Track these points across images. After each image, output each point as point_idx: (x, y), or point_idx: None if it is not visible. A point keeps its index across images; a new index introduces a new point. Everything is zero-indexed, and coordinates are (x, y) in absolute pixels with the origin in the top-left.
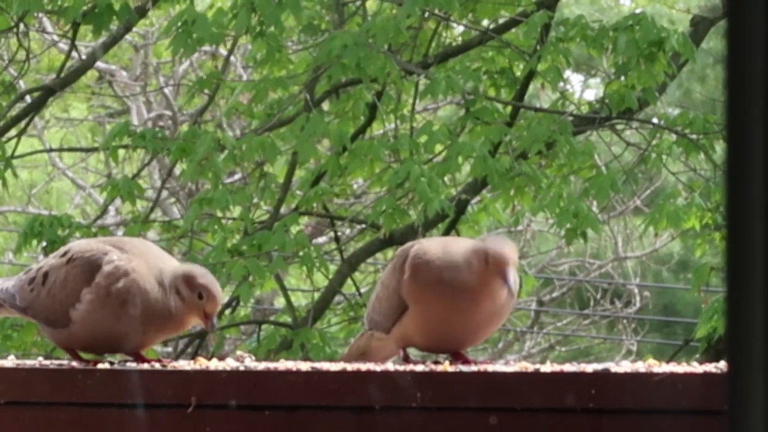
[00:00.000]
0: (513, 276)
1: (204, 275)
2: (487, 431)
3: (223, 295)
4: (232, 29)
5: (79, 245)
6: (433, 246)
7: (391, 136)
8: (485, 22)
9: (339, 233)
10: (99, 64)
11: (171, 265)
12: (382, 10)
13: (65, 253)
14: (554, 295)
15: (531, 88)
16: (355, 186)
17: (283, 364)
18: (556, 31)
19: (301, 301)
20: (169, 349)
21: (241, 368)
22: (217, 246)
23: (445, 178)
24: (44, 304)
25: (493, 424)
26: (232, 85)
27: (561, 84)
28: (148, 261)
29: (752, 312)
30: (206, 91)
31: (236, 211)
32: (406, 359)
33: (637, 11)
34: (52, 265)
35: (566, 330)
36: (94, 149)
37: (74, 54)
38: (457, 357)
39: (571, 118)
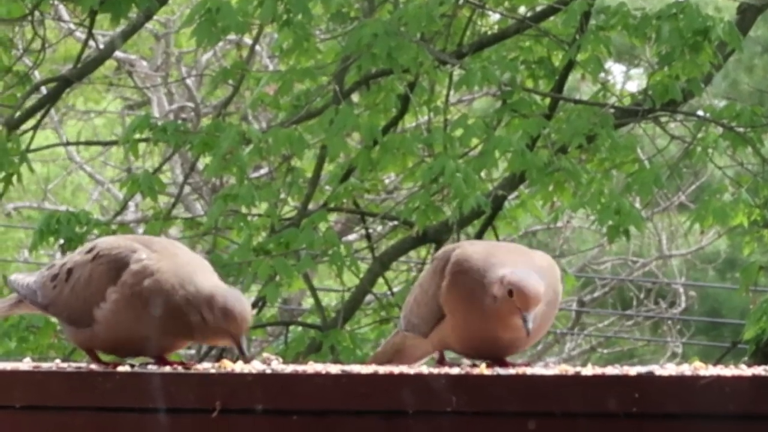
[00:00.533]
0: (532, 318)
1: (225, 296)
2: None
3: (251, 316)
4: (258, 17)
5: (106, 242)
6: (476, 253)
7: (424, 129)
8: (522, 10)
9: (370, 230)
10: (118, 53)
11: (201, 274)
12: None
13: (91, 250)
14: (595, 295)
15: (570, 79)
16: (386, 181)
17: (312, 367)
18: (596, 19)
19: (330, 301)
20: (193, 351)
21: (268, 371)
22: (242, 244)
23: (481, 173)
24: (67, 302)
25: (532, 429)
26: (258, 76)
27: (602, 75)
28: (177, 264)
29: None
30: (230, 81)
31: (262, 207)
32: (441, 361)
33: None
34: (76, 261)
35: (608, 331)
36: (113, 143)
37: (91, 43)
38: (497, 361)
39: (612, 111)
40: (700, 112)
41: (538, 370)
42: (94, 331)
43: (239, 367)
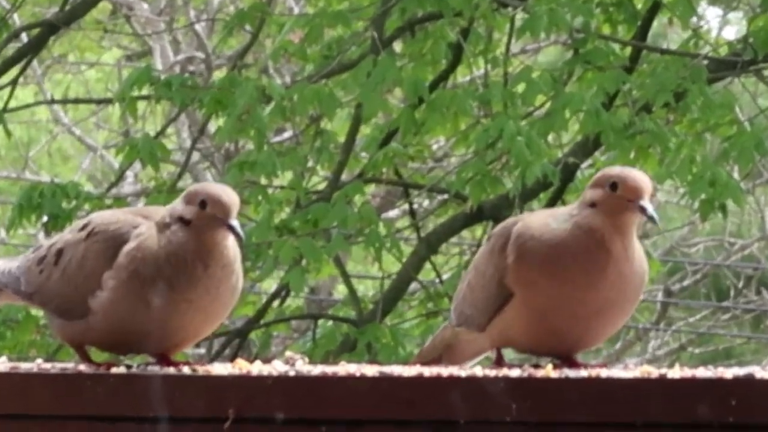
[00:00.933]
0: (649, 205)
1: (199, 184)
2: None
3: (236, 197)
4: None
5: (101, 217)
6: (537, 220)
7: (480, 84)
8: None
9: (415, 205)
10: None
11: None
12: None
13: (84, 226)
14: (685, 283)
15: (656, 24)
16: (434, 147)
17: (345, 368)
18: None
19: (367, 290)
20: (202, 350)
21: (291, 373)
22: (261, 221)
23: (548, 137)
24: (56, 289)
25: None
26: (281, 21)
27: (693, 19)
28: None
29: None
30: (248, 27)
31: (286, 177)
32: (499, 361)
33: None
34: (67, 241)
35: (700, 327)
36: (108, 101)
37: None
38: (566, 361)
39: (706, 62)
40: None
41: (614, 372)
42: (88, 324)
43: (257, 368)
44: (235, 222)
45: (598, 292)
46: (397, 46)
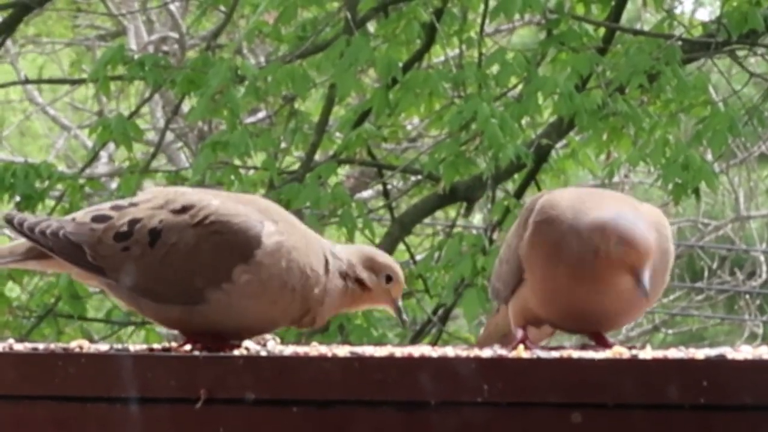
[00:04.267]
0: (648, 274)
1: (384, 255)
2: (569, 431)
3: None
4: None
5: (208, 201)
6: (566, 199)
7: (453, 65)
8: None
9: (388, 186)
10: None
11: (325, 241)
12: None
13: (185, 209)
14: None
15: (630, 6)
16: (408, 127)
17: (316, 349)
18: None
19: None
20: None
21: (263, 353)
22: None
23: (522, 119)
24: (155, 273)
25: (577, 423)
26: (255, 1)
27: (667, 1)
28: (304, 233)
29: None
30: (222, 7)
31: (259, 158)
32: (524, 340)
33: None
34: (166, 222)
35: (674, 308)
36: (81, 81)
37: None
38: (597, 339)
39: (680, 43)
40: None
41: (586, 353)
42: (194, 311)
43: (228, 349)
44: (401, 303)
45: (598, 298)
46: (371, 27)
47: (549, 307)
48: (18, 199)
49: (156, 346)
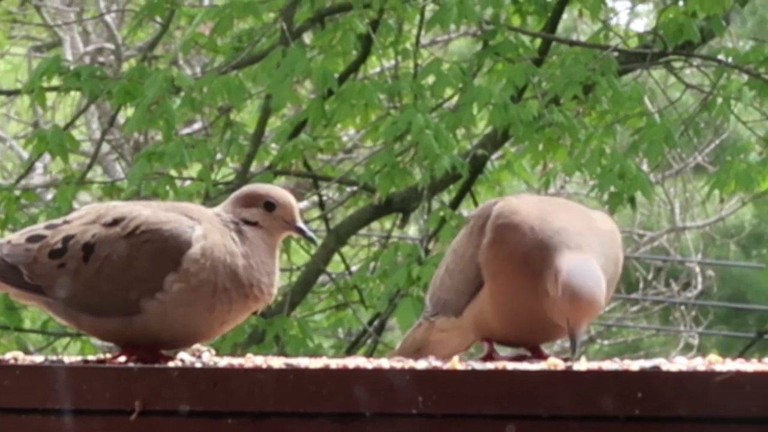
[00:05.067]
0: (581, 334)
1: (258, 186)
2: None
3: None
4: None
5: (138, 212)
6: (526, 207)
7: (389, 76)
8: None
9: (324, 197)
10: None
11: (215, 210)
12: None
13: (116, 222)
14: None
15: (565, 16)
16: (344, 138)
17: (251, 360)
18: None
19: None
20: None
21: (198, 365)
22: None
23: (457, 130)
24: (90, 287)
25: None
26: (191, 12)
27: (603, 11)
28: (214, 227)
29: None
30: (158, 18)
31: (195, 169)
32: (490, 356)
33: None
34: (98, 236)
35: (609, 319)
36: (16, 92)
37: None
38: (534, 351)
39: (615, 54)
40: (722, 57)
41: (521, 364)
42: (131, 323)
43: (163, 361)
44: (302, 224)
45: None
46: (307, 38)
47: (506, 313)
48: None
49: (91, 357)
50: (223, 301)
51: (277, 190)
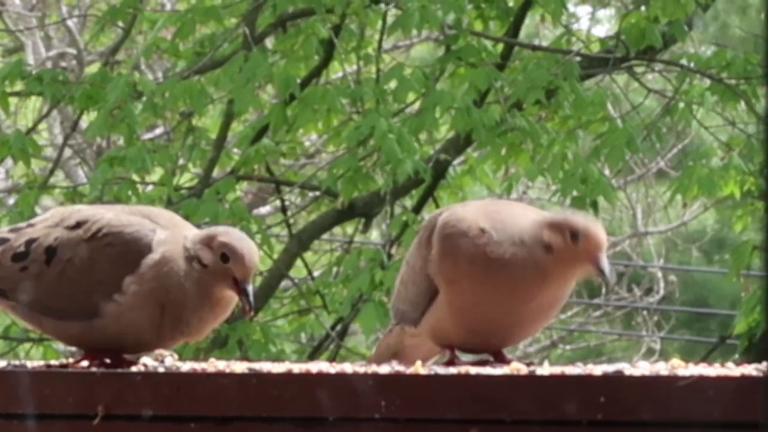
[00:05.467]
0: (607, 263)
1: (227, 232)
2: None
3: (258, 257)
4: None
5: (103, 216)
6: (471, 213)
7: (351, 81)
8: None
9: (286, 202)
10: None
11: (190, 231)
12: None
13: (79, 225)
14: None
15: (528, 21)
16: (306, 143)
17: (214, 365)
18: None
19: None
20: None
21: (161, 370)
22: None
23: (420, 135)
24: (53, 290)
25: None
26: (153, 17)
27: (565, 17)
28: (177, 236)
29: None
30: (120, 23)
31: (157, 174)
32: (452, 362)
33: None
34: (60, 239)
35: (571, 324)
36: None
37: None
38: (496, 356)
39: (578, 59)
40: (684, 62)
41: (484, 369)
42: (92, 326)
43: (126, 366)
44: (250, 288)
45: (527, 303)
46: (270, 43)
47: (460, 323)
48: None
49: (54, 362)
50: (157, 315)
51: (242, 247)
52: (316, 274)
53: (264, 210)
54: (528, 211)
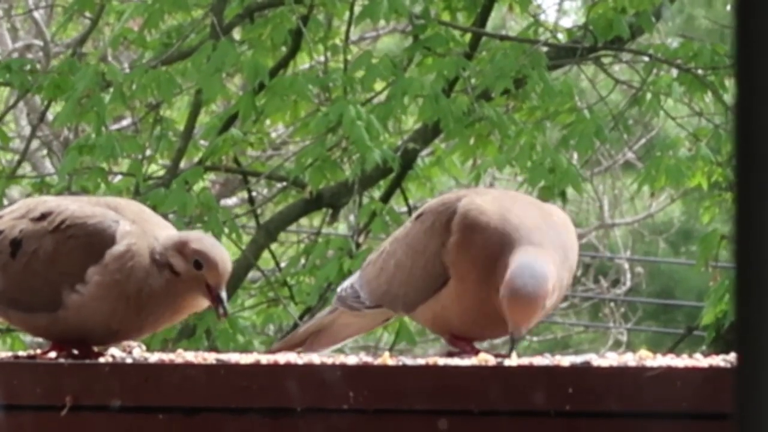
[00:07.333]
0: (519, 334)
1: (200, 239)
2: None
3: (230, 264)
4: None
5: (67, 208)
6: (490, 206)
7: (319, 70)
8: None
9: (254, 193)
10: None
11: (161, 232)
12: None
13: (44, 216)
14: None
15: (495, 11)
16: (273, 134)
17: (182, 356)
18: None
19: None
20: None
21: (128, 360)
22: None
23: (388, 123)
24: (18, 282)
25: (444, 429)
26: (120, 8)
27: (532, 8)
28: (145, 230)
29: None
30: (87, 14)
31: (125, 164)
32: (472, 351)
33: None
34: (25, 231)
35: None
36: None
37: None
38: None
39: (545, 49)
40: (651, 52)
41: (452, 360)
42: (57, 318)
43: (94, 356)
44: (224, 294)
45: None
46: (237, 33)
47: (472, 316)
48: None
49: (21, 353)
50: (123, 307)
51: (214, 254)
52: (283, 264)
53: (231, 201)
54: (532, 213)
